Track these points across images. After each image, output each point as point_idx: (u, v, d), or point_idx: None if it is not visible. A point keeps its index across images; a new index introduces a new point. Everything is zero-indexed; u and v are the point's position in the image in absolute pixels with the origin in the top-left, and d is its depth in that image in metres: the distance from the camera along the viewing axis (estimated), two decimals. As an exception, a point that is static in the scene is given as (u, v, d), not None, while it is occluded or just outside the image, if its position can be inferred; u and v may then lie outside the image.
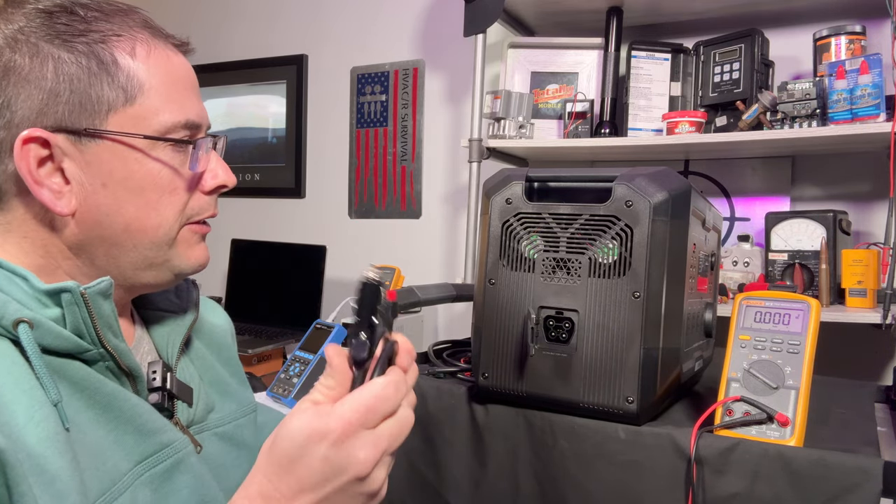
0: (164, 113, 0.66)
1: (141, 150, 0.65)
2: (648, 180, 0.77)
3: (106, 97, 0.64)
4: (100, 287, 0.62)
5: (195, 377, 0.77)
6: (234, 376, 0.86)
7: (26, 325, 0.58)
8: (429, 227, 2.40)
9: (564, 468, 0.80)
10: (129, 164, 0.65)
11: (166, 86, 0.67)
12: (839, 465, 0.68)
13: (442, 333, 2.34)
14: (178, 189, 0.68)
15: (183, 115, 0.68)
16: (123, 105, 0.64)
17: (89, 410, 0.61)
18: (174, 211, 0.68)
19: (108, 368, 0.64)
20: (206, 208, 0.72)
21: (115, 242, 0.66)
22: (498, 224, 0.84)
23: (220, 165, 0.72)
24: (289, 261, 2.43)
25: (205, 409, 0.75)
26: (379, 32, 2.49)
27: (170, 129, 0.67)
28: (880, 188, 1.74)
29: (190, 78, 0.71)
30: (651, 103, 1.81)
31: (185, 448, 0.68)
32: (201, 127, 0.70)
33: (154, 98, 0.66)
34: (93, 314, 0.62)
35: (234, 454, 0.78)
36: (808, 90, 1.52)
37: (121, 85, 0.64)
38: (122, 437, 0.62)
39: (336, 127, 2.59)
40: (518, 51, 1.96)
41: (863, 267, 1.48)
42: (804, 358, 0.75)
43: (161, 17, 0.72)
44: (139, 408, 0.64)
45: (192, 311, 0.80)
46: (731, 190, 1.90)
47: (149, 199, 0.66)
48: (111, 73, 0.64)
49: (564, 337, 0.80)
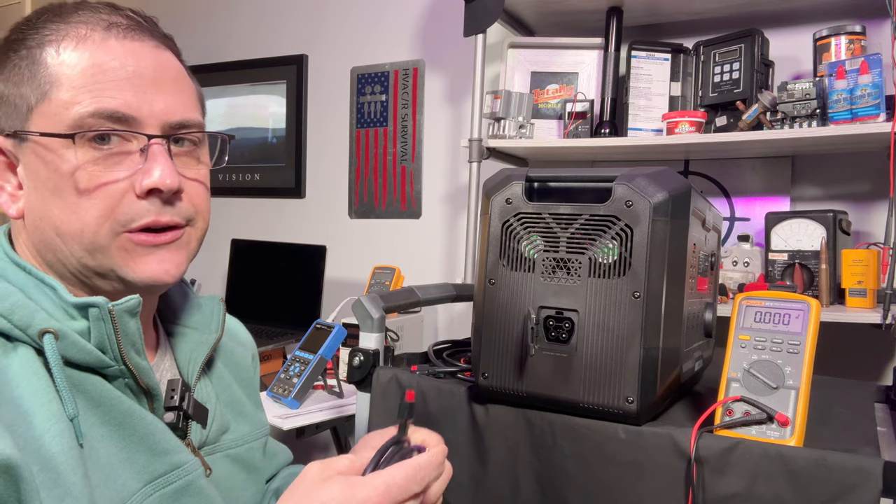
0: (75, 104, 0.60)
1: (54, 149, 0.61)
2: (648, 180, 0.77)
3: (25, 96, 0.62)
4: (127, 305, 0.62)
5: (212, 397, 0.76)
6: (249, 398, 0.85)
7: (52, 335, 0.58)
8: (429, 227, 2.40)
9: (564, 468, 0.80)
10: (48, 164, 0.61)
11: (85, 75, 0.61)
12: (839, 465, 0.68)
13: (442, 333, 2.34)
14: (99, 192, 0.61)
15: (95, 104, 0.60)
16: (38, 102, 0.61)
17: (104, 426, 0.61)
18: (94, 215, 0.61)
19: (126, 385, 0.64)
20: (141, 214, 0.63)
21: (55, 247, 0.63)
22: (498, 224, 0.84)
23: (160, 165, 0.63)
24: (289, 261, 2.43)
25: (219, 429, 0.74)
26: (379, 32, 2.49)
27: (80, 123, 0.60)
28: (880, 188, 1.74)
29: (126, 66, 0.62)
30: (651, 103, 1.81)
31: (196, 470, 0.67)
32: (134, 120, 0.62)
33: (67, 90, 0.61)
34: (118, 331, 0.62)
35: (243, 476, 0.77)
36: (808, 90, 1.52)
37: (38, 82, 0.61)
38: (134, 455, 0.62)
39: (336, 127, 2.59)
40: (518, 51, 1.96)
41: (863, 267, 1.48)
42: (804, 358, 0.75)
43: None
44: (153, 427, 0.64)
45: (216, 331, 0.78)
46: (731, 190, 1.90)
47: (68, 202, 0.61)
48: (33, 72, 0.62)
49: (564, 337, 0.80)
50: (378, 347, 0.97)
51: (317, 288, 2.31)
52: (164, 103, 0.64)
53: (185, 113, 0.66)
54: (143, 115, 0.63)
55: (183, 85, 0.68)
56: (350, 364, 0.97)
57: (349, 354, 0.97)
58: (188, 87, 0.69)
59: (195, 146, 0.69)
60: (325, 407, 1.58)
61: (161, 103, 0.64)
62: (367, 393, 0.96)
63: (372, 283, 2.06)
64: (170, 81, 0.66)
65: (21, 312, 0.59)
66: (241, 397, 0.82)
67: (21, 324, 0.59)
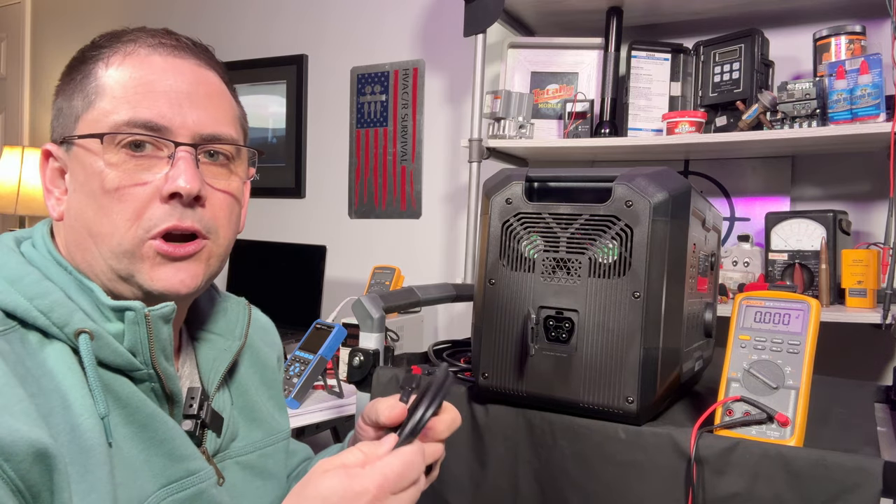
0: (114, 114, 0.64)
1: (95, 153, 0.64)
2: (648, 180, 0.77)
3: (75, 106, 0.67)
4: (163, 311, 0.64)
5: (227, 404, 0.76)
6: (271, 399, 0.84)
7: (87, 335, 0.60)
8: (429, 227, 2.40)
9: (564, 468, 0.80)
10: (86, 167, 0.65)
11: (126, 88, 0.65)
12: (839, 465, 0.68)
13: (442, 333, 2.34)
14: (128, 194, 0.64)
15: (131, 113, 0.64)
16: (84, 111, 0.65)
17: (127, 427, 0.62)
18: (124, 218, 0.64)
19: (151, 389, 0.66)
20: (163, 218, 0.64)
21: (86, 248, 0.65)
22: (498, 224, 0.84)
23: (184, 171, 0.64)
24: (289, 261, 2.43)
25: (229, 437, 0.75)
26: (379, 32, 2.49)
27: (115, 130, 0.64)
28: (880, 188, 1.74)
29: (165, 80, 0.65)
30: (651, 103, 1.81)
31: (209, 479, 0.68)
32: (167, 129, 0.65)
33: (109, 100, 0.65)
34: (151, 336, 0.64)
35: (256, 483, 0.77)
36: (808, 90, 1.52)
37: (86, 93, 0.66)
38: (152, 458, 0.63)
39: (336, 127, 2.59)
40: (518, 51, 1.96)
41: (863, 267, 1.48)
42: (804, 358, 0.75)
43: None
44: (173, 432, 0.65)
45: (240, 338, 0.78)
46: (731, 190, 1.90)
47: (101, 204, 0.64)
48: (84, 85, 0.66)
49: (564, 337, 0.80)
50: (378, 347, 0.97)
51: (317, 288, 2.31)
52: (198, 116, 0.67)
53: (216, 126, 0.68)
54: (175, 126, 0.65)
55: (220, 101, 0.70)
56: (350, 364, 0.97)
57: (349, 354, 0.97)
58: (226, 104, 0.71)
59: (229, 160, 0.71)
60: (325, 407, 1.58)
61: (194, 116, 0.66)
62: (367, 393, 0.96)
63: (372, 283, 2.06)
64: (205, 97, 0.68)
65: (60, 311, 0.61)
66: (260, 401, 0.81)
67: (59, 322, 0.60)
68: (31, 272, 0.63)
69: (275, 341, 0.91)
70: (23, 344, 0.59)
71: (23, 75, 3.49)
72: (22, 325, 0.60)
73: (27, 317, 0.60)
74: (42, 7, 3.48)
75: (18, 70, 3.51)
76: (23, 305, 0.60)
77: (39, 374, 0.58)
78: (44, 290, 0.62)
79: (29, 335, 0.60)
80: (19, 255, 0.65)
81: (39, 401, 0.56)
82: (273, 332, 0.92)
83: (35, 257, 0.66)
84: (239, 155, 0.72)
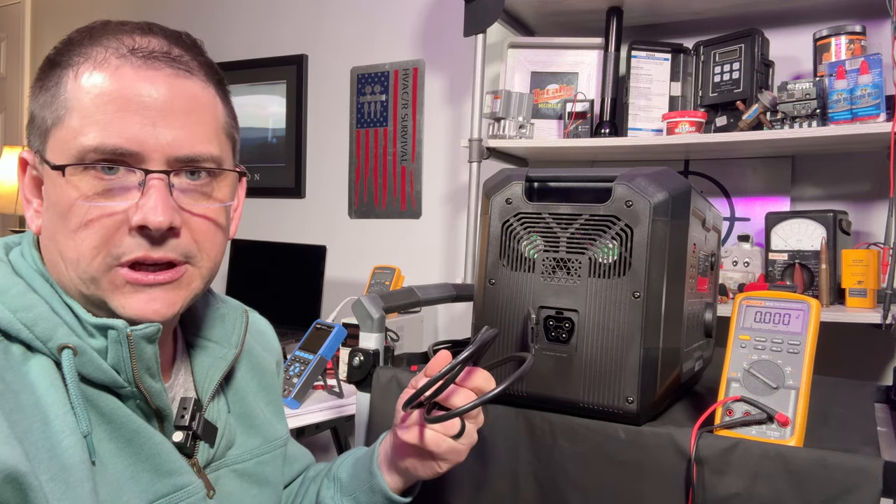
0: (81, 136, 0.60)
1: (64, 175, 0.60)
2: (648, 180, 0.77)
3: (45, 118, 0.62)
4: (146, 332, 0.62)
5: (223, 412, 0.75)
6: (269, 405, 0.83)
7: (70, 351, 0.59)
8: (429, 227, 2.40)
9: (564, 468, 0.80)
10: (57, 188, 0.61)
11: (96, 104, 0.60)
12: (839, 465, 0.68)
13: (442, 333, 2.34)
14: (96, 223, 0.60)
15: (99, 138, 0.59)
16: (54, 126, 0.62)
17: (112, 443, 0.61)
18: (90, 245, 0.60)
19: (137, 406, 0.65)
20: (131, 248, 0.61)
21: (59, 270, 0.63)
22: (498, 224, 0.84)
23: (155, 203, 0.60)
24: (289, 261, 2.43)
25: (225, 445, 0.74)
26: (379, 32, 2.49)
27: (82, 155, 0.60)
28: (880, 188, 1.74)
29: (138, 97, 0.60)
30: (651, 103, 1.81)
31: (198, 493, 0.67)
32: (138, 155, 0.60)
33: (78, 118, 0.60)
34: (133, 355, 0.62)
35: (253, 492, 0.76)
36: (808, 90, 1.52)
37: (56, 106, 0.61)
38: (138, 474, 0.62)
39: (336, 127, 2.59)
40: (518, 51, 1.96)
41: (863, 267, 1.48)
42: (804, 358, 0.75)
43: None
44: (160, 447, 0.64)
45: (236, 346, 0.77)
46: (731, 190, 1.90)
47: (69, 228, 0.61)
48: (55, 94, 0.62)
49: (564, 337, 0.80)
50: (378, 347, 0.97)
51: (317, 288, 2.31)
52: (174, 136, 0.62)
53: (194, 146, 0.63)
54: (148, 150, 0.61)
55: (199, 116, 0.64)
56: (350, 364, 0.97)
57: (349, 354, 0.97)
58: (207, 117, 0.65)
59: (211, 178, 0.66)
60: (325, 407, 1.58)
61: (169, 136, 0.61)
62: (367, 393, 0.96)
63: (372, 283, 2.06)
64: (182, 113, 0.62)
65: (44, 325, 0.59)
66: (256, 408, 0.80)
67: (43, 336, 0.59)
68: (17, 283, 0.61)
69: (273, 345, 0.90)
70: (5, 356, 0.58)
71: (23, 75, 3.50)
72: (6, 338, 0.59)
73: (10, 329, 0.58)
74: (42, 7, 3.49)
75: (18, 70, 3.51)
76: (6, 318, 0.59)
77: (19, 388, 0.57)
78: (28, 302, 0.60)
79: (12, 347, 0.59)
80: (7, 264, 0.63)
81: (16, 417, 0.55)
82: (272, 336, 0.91)
83: (22, 267, 0.64)
84: (222, 174, 0.67)
